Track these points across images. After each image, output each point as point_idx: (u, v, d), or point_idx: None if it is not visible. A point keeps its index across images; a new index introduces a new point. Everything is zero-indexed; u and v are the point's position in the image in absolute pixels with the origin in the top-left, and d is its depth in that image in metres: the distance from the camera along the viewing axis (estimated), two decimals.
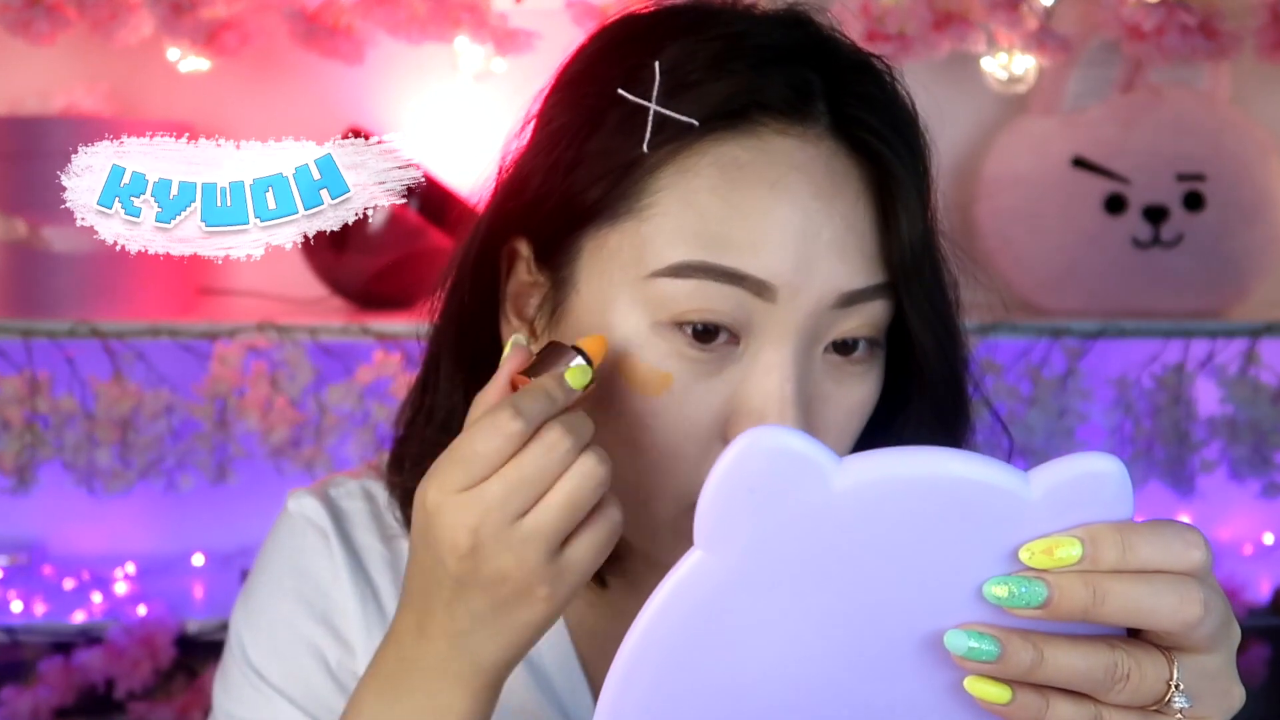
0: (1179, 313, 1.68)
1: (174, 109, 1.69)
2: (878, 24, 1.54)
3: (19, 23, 1.49)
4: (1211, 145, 1.67)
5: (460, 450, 0.55)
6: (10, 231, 1.50)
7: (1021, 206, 1.69)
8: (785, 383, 0.60)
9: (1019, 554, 0.45)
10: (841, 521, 0.45)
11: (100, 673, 1.59)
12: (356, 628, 0.72)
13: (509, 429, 0.54)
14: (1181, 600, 0.45)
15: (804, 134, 0.62)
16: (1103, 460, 0.45)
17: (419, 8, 1.51)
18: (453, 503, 0.54)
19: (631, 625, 0.48)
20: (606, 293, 0.62)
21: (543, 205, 0.64)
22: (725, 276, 0.59)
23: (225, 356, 1.55)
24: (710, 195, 0.60)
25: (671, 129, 0.61)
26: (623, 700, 0.48)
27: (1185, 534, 0.46)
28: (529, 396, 0.55)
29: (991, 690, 0.46)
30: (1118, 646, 0.46)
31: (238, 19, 1.56)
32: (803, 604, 0.46)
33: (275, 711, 0.71)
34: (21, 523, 1.74)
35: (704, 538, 0.46)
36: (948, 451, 0.45)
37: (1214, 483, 1.73)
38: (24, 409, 1.54)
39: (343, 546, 0.73)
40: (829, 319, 0.61)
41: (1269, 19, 1.60)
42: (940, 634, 0.46)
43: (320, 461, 1.58)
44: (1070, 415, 1.66)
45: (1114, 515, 0.45)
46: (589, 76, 0.66)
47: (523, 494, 0.54)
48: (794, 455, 0.44)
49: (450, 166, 1.62)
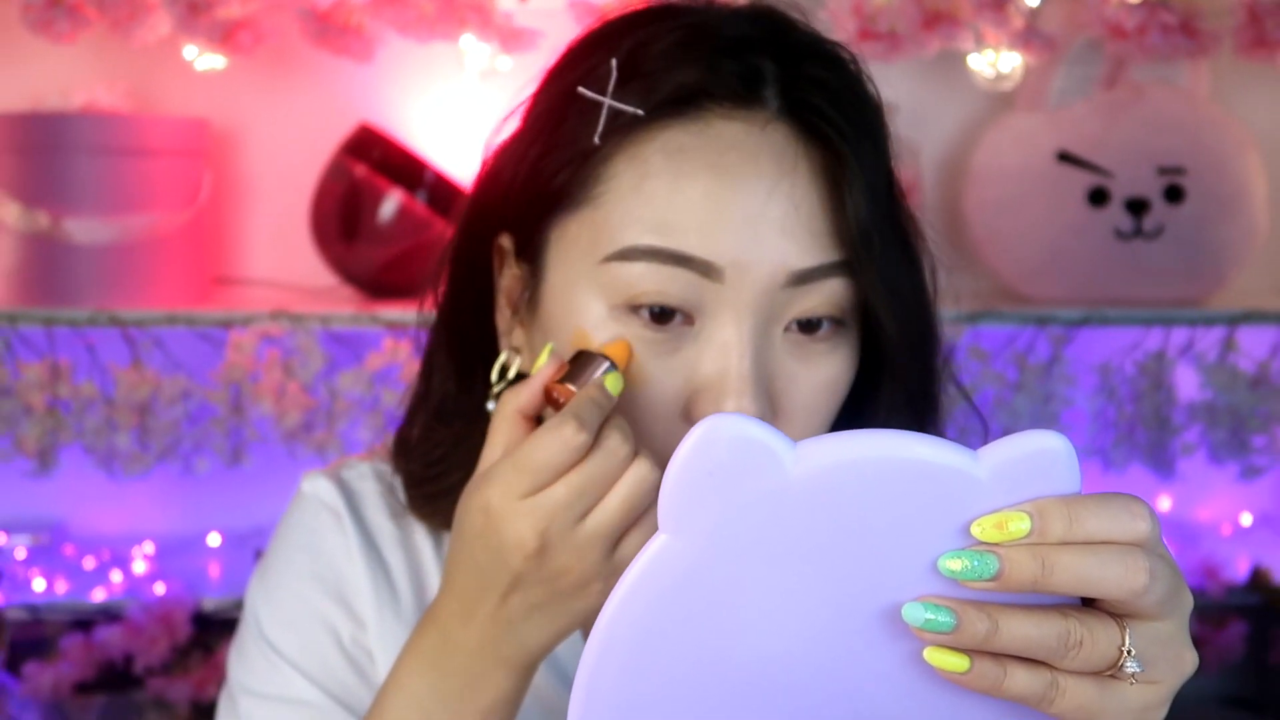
0: (1160, 301, 1.69)
1: (190, 105, 1.71)
2: (869, 23, 1.55)
3: (41, 22, 1.50)
4: (1191, 140, 1.68)
5: (524, 460, 0.57)
6: (33, 223, 1.53)
7: (1008, 199, 1.71)
8: (741, 360, 0.61)
9: (971, 529, 0.45)
10: (800, 504, 0.45)
11: (119, 649, 1.60)
12: (368, 604, 0.73)
13: (575, 441, 0.57)
14: (1127, 569, 0.45)
15: (750, 118, 0.63)
16: (1049, 437, 0.45)
17: (427, 7, 1.53)
18: (519, 507, 0.57)
19: (600, 611, 0.48)
20: (569, 279, 0.64)
21: (515, 193, 0.66)
22: (672, 259, 0.61)
23: (240, 344, 1.57)
24: (657, 181, 0.62)
25: (623, 119, 0.63)
26: (596, 683, 0.48)
27: (1131, 505, 0.46)
28: (586, 408, 0.57)
29: (950, 660, 0.46)
30: (1070, 615, 0.46)
31: (252, 18, 1.57)
32: (767, 584, 0.47)
33: (289, 684, 0.72)
34: (43, 504, 1.76)
35: (668, 522, 0.46)
36: (900, 434, 0.45)
37: (1194, 465, 1.75)
38: (46, 394, 1.56)
39: (355, 526, 0.75)
40: (783, 298, 0.62)
41: (1246, 19, 1.61)
42: (899, 608, 0.46)
43: (332, 445, 1.60)
44: (1055, 400, 1.67)
45: (1062, 490, 0.46)
46: (559, 74, 0.69)
47: (587, 498, 0.57)
48: (750, 441, 0.44)
49: (457, 160, 1.65)
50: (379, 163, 1.61)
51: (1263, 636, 1.85)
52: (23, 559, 1.70)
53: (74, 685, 1.63)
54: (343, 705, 0.71)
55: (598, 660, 0.48)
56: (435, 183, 1.61)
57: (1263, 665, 1.86)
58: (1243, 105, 1.82)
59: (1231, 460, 1.72)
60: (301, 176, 1.66)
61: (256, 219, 1.79)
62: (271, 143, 1.77)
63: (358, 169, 1.60)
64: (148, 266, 1.58)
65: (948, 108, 1.80)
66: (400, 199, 1.60)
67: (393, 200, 1.59)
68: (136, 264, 1.57)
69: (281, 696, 0.71)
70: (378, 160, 1.61)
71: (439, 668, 0.61)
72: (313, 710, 0.71)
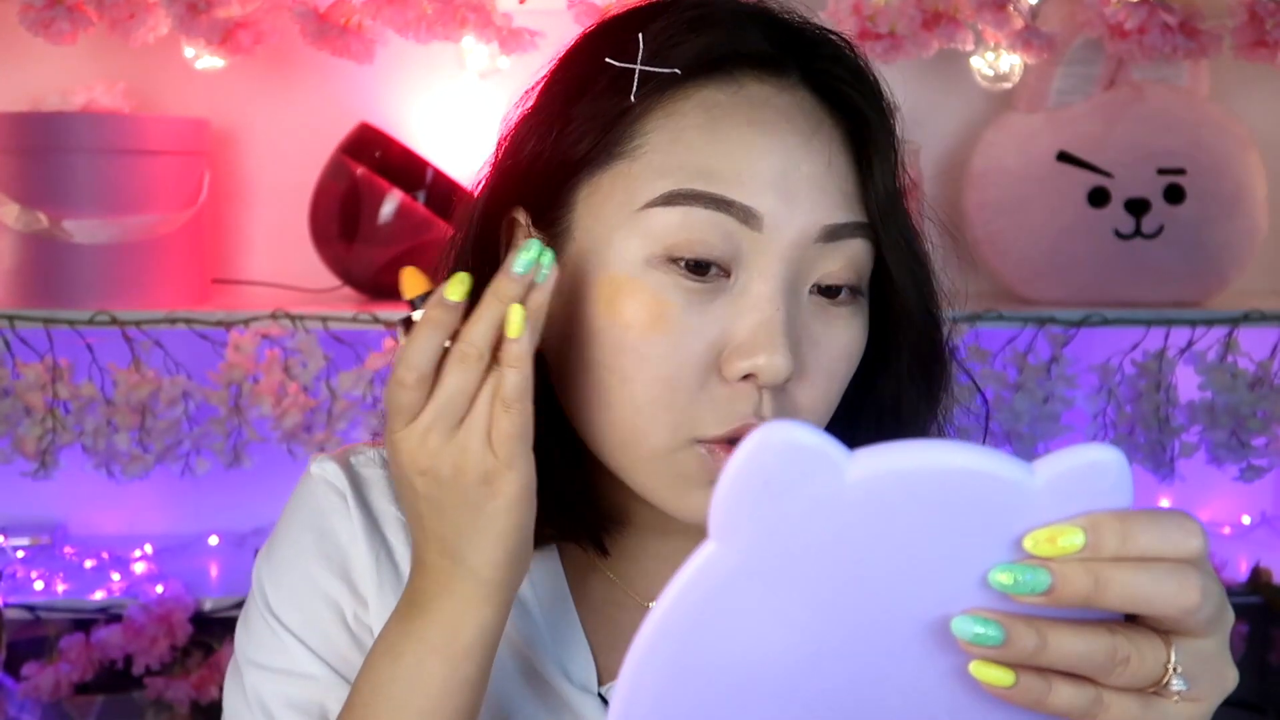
0: (1160, 302, 1.70)
1: (190, 106, 1.71)
2: (869, 23, 1.56)
3: (41, 22, 1.51)
4: (1191, 140, 1.69)
5: (388, 403, 0.61)
6: (32, 224, 1.53)
7: (1008, 200, 1.71)
8: (775, 313, 0.62)
9: (1023, 542, 0.45)
10: (852, 513, 0.45)
11: (119, 649, 1.61)
12: (370, 583, 0.74)
13: (411, 384, 0.59)
14: (1180, 587, 0.45)
15: (779, 82, 0.65)
16: (1103, 451, 0.45)
17: (427, 8, 1.53)
18: (397, 440, 0.61)
19: (647, 616, 0.48)
20: (601, 232, 0.64)
21: (535, 166, 0.67)
22: (713, 203, 0.62)
23: (240, 344, 1.57)
24: (696, 132, 0.63)
25: (657, 81, 0.64)
26: (638, 688, 0.49)
27: (1184, 523, 0.46)
28: (415, 350, 0.59)
29: (996, 674, 0.46)
30: (1117, 631, 0.46)
31: (251, 19, 1.58)
32: (814, 592, 0.46)
33: (293, 657, 0.73)
34: (43, 505, 1.76)
35: (718, 530, 0.46)
36: (955, 444, 0.45)
37: (1193, 466, 1.75)
38: (46, 395, 1.56)
39: (359, 508, 0.75)
40: (813, 254, 0.63)
41: (1246, 19, 1.61)
42: (946, 620, 0.46)
43: (331, 445, 1.60)
44: (1055, 401, 1.68)
45: (1114, 504, 0.45)
46: (578, 55, 0.70)
47: (450, 415, 0.60)
48: (806, 449, 0.44)
49: (457, 161, 1.66)
50: (379, 163, 1.61)
51: (1263, 636, 1.86)
52: (22, 559, 1.71)
53: (73, 685, 1.63)
54: (343, 679, 0.73)
55: (641, 663, 0.48)
56: (435, 183, 1.61)
57: (1263, 665, 1.86)
58: (1243, 105, 1.82)
59: (1231, 461, 1.72)
60: (301, 177, 1.66)
61: (256, 219, 1.79)
62: (271, 143, 1.77)
63: (357, 169, 1.60)
64: (147, 267, 1.58)
65: (947, 108, 1.80)
66: (400, 199, 1.59)
67: (392, 200, 1.59)
68: (136, 264, 1.57)
69: (286, 669, 0.73)
70: (378, 160, 1.61)
71: (412, 609, 0.64)
72: (315, 683, 0.72)
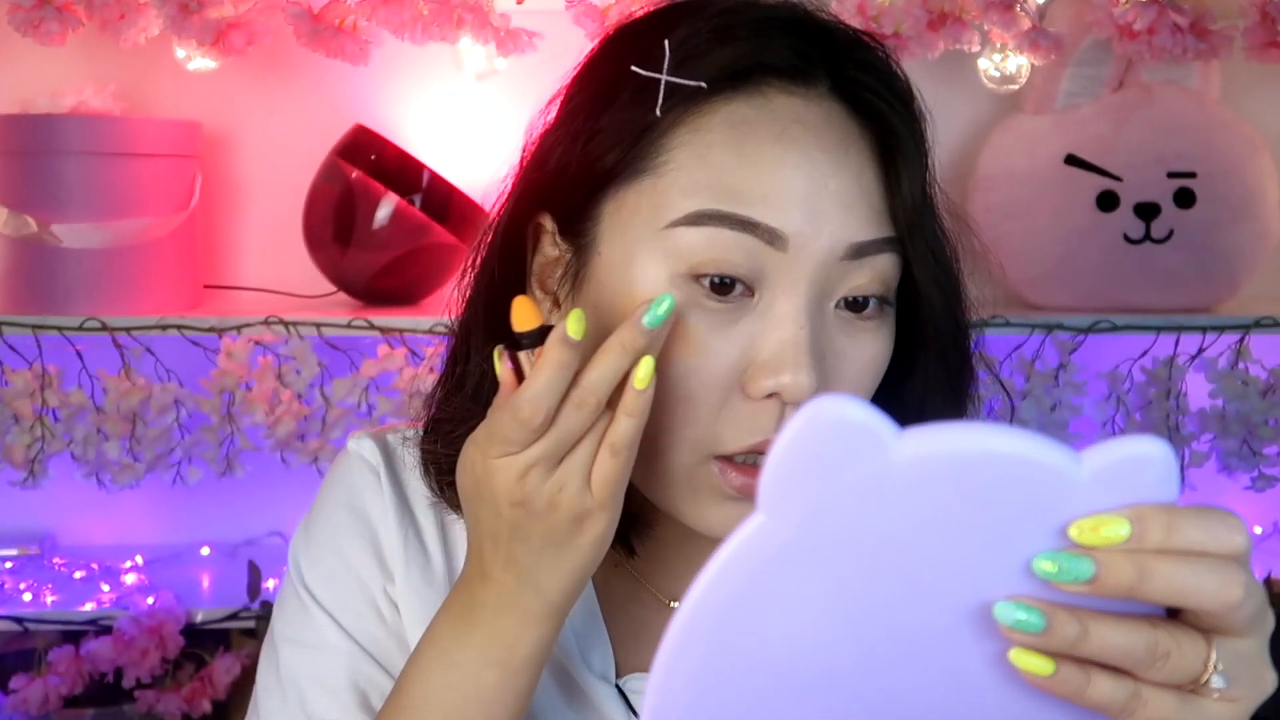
0: (1170, 308, 1.68)
1: (182, 108, 1.70)
2: (874, 23, 1.55)
3: (30, 23, 1.49)
4: (1202, 143, 1.67)
5: (495, 429, 0.61)
6: (21, 228, 1.51)
7: (1015, 203, 1.70)
8: (799, 331, 0.62)
9: (1068, 531, 0.45)
10: (899, 492, 0.45)
11: (109, 662, 1.59)
12: (398, 558, 0.76)
13: (533, 424, 0.59)
14: (1223, 582, 0.45)
15: (807, 94, 0.65)
16: (1151, 444, 0.45)
17: (422, 8, 1.52)
18: (494, 466, 0.61)
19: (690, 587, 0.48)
20: (627, 249, 0.65)
21: (562, 176, 0.67)
22: (738, 224, 0.62)
23: (232, 351, 1.56)
24: (722, 150, 0.63)
25: (682, 94, 0.64)
26: (678, 658, 0.49)
27: (1228, 519, 0.46)
28: (541, 388, 0.59)
29: (1035, 662, 0.46)
30: (1159, 625, 0.46)
31: (244, 19, 1.56)
32: (858, 571, 0.47)
33: (323, 633, 0.76)
34: (32, 515, 1.75)
35: (767, 502, 0.46)
36: (1004, 428, 0.45)
37: (1204, 475, 1.73)
38: (34, 403, 1.55)
39: (392, 485, 0.78)
40: (839, 271, 0.63)
41: (1258, 20, 1.60)
42: (987, 606, 0.46)
43: (325, 454, 1.59)
44: (1063, 408, 1.67)
45: (1160, 497, 0.46)
46: (604, 59, 0.70)
47: (555, 455, 0.60)
48: (856, 425, 0.44)
49: (453, 164, 1.63)
50: (374, 166, 1.59)
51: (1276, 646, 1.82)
52: (10, 570, 1.69)
53: (62, 699, 1.62)
54: (370, 656, 0.75)
55: (683, 635, 0.49)
56: (431, 186, 1.59)
57: None
58: (1254, 108, 1.80)
59: (1242, 470, 1.71)
60: (295, 180, 1.64)
61: (249, 223, 1.77)
62: (264, 145, 1.75)
63: (352, 172, 1.58)
64: (138, 271, 1.56)
65: (954, 110, 1.78)
66: (396, 203, 1.57)
67: (388, 204, 1.57)
68: (127, 269, 1.55)
69: (316, 644, 0.76)
70: (373, 164, 1.59)
71: (468, 621, 0.64)
72: (344, 657, 0.75)
